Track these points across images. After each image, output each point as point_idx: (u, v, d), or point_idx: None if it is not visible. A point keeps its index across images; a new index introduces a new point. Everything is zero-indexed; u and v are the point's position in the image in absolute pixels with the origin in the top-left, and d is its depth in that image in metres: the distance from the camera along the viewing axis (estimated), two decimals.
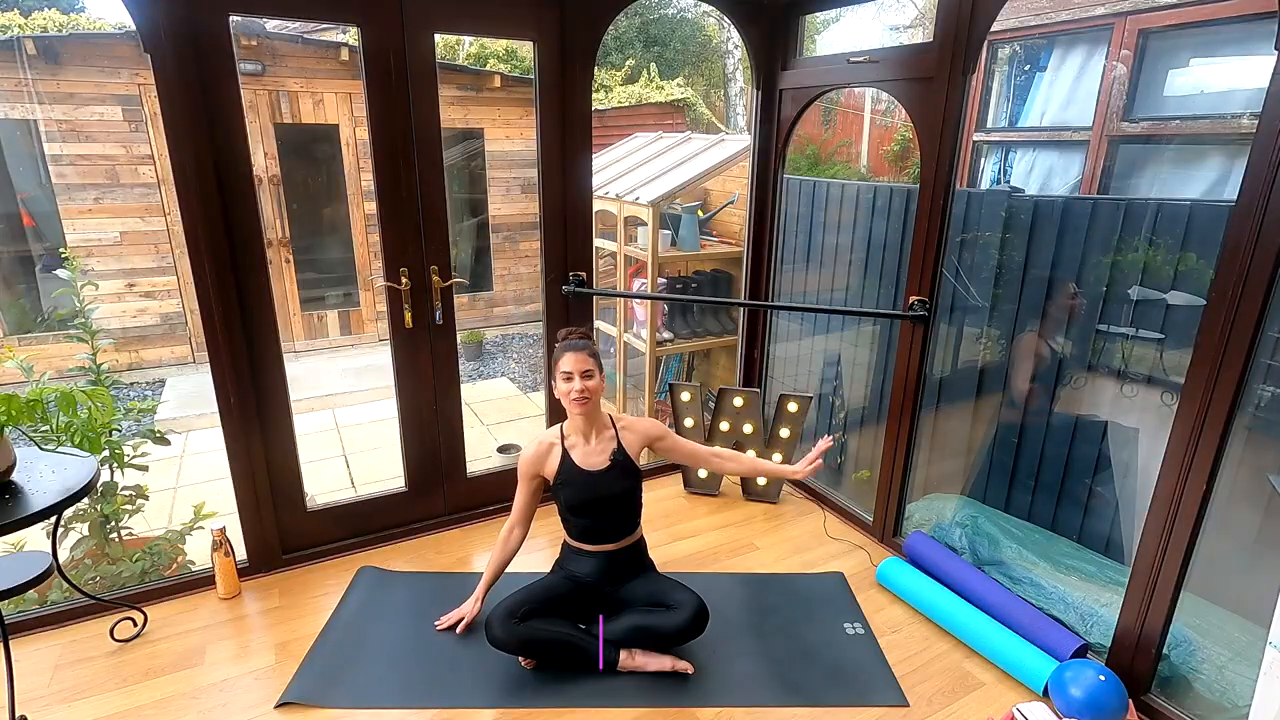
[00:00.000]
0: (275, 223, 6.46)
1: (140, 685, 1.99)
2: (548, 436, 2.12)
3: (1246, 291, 1.62)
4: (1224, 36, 3.46)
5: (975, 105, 4.55)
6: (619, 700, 1.96)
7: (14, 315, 5.98)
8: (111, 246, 5.97)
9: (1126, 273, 2.50)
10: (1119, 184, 3.83)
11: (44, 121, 5.58)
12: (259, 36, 6.16)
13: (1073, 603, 2.22)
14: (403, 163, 2.38)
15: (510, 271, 7.94)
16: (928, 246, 2.39)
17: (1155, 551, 1.86)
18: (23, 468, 1.82)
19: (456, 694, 1.96)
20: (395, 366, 2.59)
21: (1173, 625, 1.89)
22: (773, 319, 3.49)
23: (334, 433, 5.29)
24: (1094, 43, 4.00)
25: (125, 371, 6.18)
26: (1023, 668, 2.02)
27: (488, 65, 9.26)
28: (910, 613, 2.36)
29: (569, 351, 2.03)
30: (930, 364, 2.60)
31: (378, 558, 2.60)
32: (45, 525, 1.86)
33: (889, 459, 2.67)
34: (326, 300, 7.07)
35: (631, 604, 2.08)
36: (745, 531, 2.83)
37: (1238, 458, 2.17)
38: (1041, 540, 2.58)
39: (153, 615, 2.26)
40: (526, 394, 6.19)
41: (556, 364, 2.05)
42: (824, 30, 12.50)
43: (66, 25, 7.74)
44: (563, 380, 2.03)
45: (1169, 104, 3.64)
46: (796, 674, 2.06)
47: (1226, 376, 1.68)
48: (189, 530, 2.79)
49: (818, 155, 8.46)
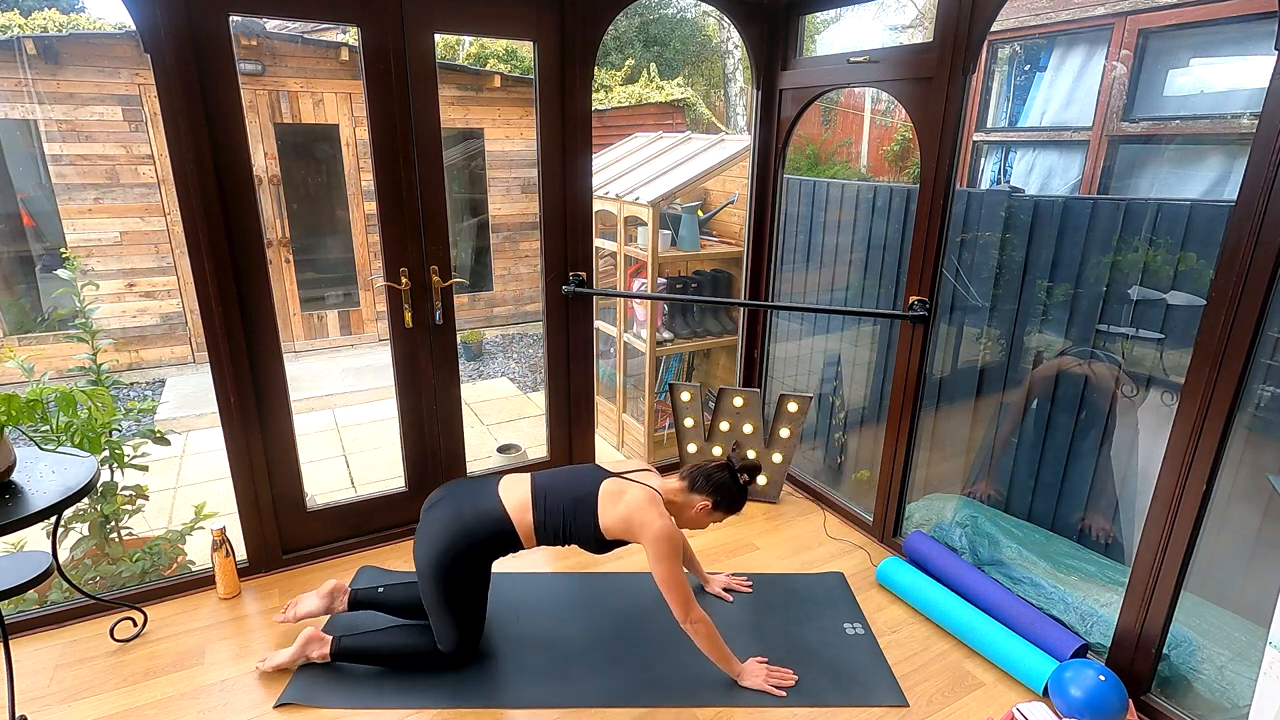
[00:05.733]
0: (275, 223, 6.46)
1: (140, 685, 1.99)
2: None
3: (1246, 291, 1.62)
4: (1224, 36, 3.46)
5: (975, 105, 4.55)
6: (619, 700, 1.96)
7: (14, 315, 5.98)
8: (111, 246, 5.97)
9: (1126, 273, 2.50)
10: (1119, 184, 3.82)
11: (44, 121, 5.58)
12: (259, 36, 6.16)
13: (1073, 603, 2.22)
14: (403, 163, 2.38)
15: (510, 271, 7.94)
16: (928, 246, 2.39)
17: (1155, 551, 1.86)
18: (23, 468, 1.82)
19: (457, 694, 1.97)
20: (395, 366, 2.59)
21: (1173, 625, 1.89)
22: (773, 319, 3.49)
23: (334, 433, 5.29)
24: (1094, 43, 4.00)
25: (125, 371, 6.18)
26: (1023, 668, 2.03)
27: (488, 65, 9.25)
28: (910, 613, 2.36)
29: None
30: (930, 364, 2.60)
31: (378, 558, 2.60)
32: (45, 525, 1.87)
33: (889, 459, 2.67)
34: (326, 300, 7.06)
35: None
36: (745, 531, 2.83)
37: (1238, 458, 2.17)
38: (1041, 540, 2.58)
39: (153, 615, 2.26)
40: (526, 394, 6.19)
41: (734, 510, 2.05)
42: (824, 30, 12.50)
43: (66, 25, 7.74)
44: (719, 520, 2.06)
45: (1169, 104, 3.63)
46: (797, 674, 2.06)
47: (1226, 376, 1.68)
48: (189, 530, 2.78)
49: (818, 155, 8.46)
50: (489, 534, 1.93)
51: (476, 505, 1.97)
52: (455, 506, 1.98)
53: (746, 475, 2.01)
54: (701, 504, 1.99)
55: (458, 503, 1.99)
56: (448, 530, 1.92)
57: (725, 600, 2.38)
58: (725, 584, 2.44)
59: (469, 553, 1.92)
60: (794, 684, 2.00)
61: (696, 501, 1.99)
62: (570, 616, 2.30)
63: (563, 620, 2.28)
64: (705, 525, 2.05)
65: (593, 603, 2.38)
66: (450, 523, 1.94)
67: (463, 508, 1.97)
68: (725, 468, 2.02)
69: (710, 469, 2.02)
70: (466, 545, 1.91)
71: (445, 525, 1.94)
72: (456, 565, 1.91)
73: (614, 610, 2.34)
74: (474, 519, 1.94)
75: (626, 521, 1.91)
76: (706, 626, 1.93)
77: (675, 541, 1.90)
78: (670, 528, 1.90)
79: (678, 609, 1.90)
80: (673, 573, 1.88)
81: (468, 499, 2.00)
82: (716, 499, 1.99)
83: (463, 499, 2.00)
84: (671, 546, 1.89)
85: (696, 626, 1.91)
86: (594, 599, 2.40)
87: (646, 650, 2.15)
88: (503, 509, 1.95)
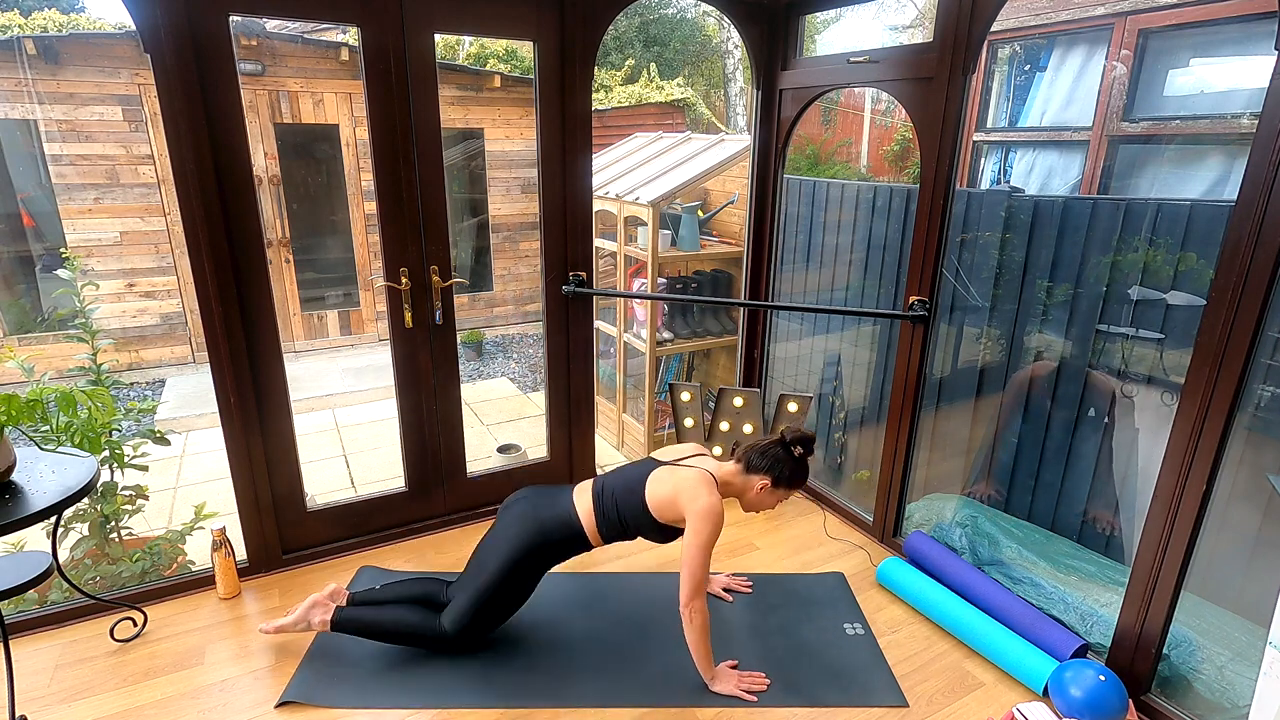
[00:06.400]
0: (275, 223, 6.46)
1: (140, 685, 1.99)
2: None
3: (1246, 291, 1.62)
4: (1224, 36, 3.46)
5: (975, 105, 4.55)
6: (619, 700, 1.96)
7: (14, 315, 5.98)
8: (111, 246, 5.97)
9: (1126, 273, 2.50)
10: (1119, 184, 3.82)
11: (44, 121, 5.58)
12: (259, 36, 6.16)
13: (1073, 603, 2.22)
14: (403, 163, 2.38)
15: (510, 271, 7.94)
16: (928, 246, 2.39)
17: (1155, 551, 1.86)
18: (23, 468, 1.82)
19: (456, 694, 1.97)
20: (395, 366, 2.59)
21: (1173, 625, 1.89)
22: (773, 319, 3.49)
23: (334, 433, 5.29)
24: (1094, 43, 4.00)
25: (125, 371, 6.18)
26: (1023, 668, 2.02)
27: (488, 65, 9.25)
28: (910, 613, 2.36)
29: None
30: (930, 364, 2.60)
31: (378, 558, 2.60)
32: (45, 525, 1.86)
33: (889, 459, 2.67)
34: (326, 300, 7.07)
35: None
36: (745, 531, 2.83)
37: (1238, 458, 2.17)
38: (1041, 540, 2.58)
39: (153, 615, 2.26)
40: (526, 394, 6.19)
41: (796, 484, 2.04)
42: (824, 30, 12.50)
43: (66, 25, 7.74)
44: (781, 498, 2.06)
45: (1169, 104, 3.63)
46: (796, 674, 2.06)
47: (1226, 376, 1.68)
48: (189, 530, 2.78)
49: (818, 155, 8.45)
50: (561, 536, 2.02)
51: (553, 508, 2.06)
52: (534, 507, 2.07)
53: (800, 447, 2.00)
54: (761, 483, 1.99)
55: (536, 504, 2.08)
56: (525, 527, 2.01)
57: (725, 600, 2.38)
58: (725, 584, 2.44)
59: (541, 549, 2.00)
60: (765, 688, 2.00)
61: (755, 481, 2.00)
62: (571, 616, 2.30)
63: (563, 620, 2.28)
64: (772, 504, 2.05)
65: (593, 602, 2.38)
66: (529, 521, 2.03)
67: (540, 510, 2.06)
68: (779, 443, 2.02)
69: (764, 445, 2.03)
70: (540, 542, 2.00)
71: (524, 523, 2.03)
72: (526, 558, 1.99)
73: (614, 610, 2.34)
74: (551, 519, 2.03)
75: (674, 499, 1.94)
76: (703, 618, 1.93)
77: (716, 521, 1.90)
78: (717, 507, 1.90)
79: (687, 589, 1.89)
80: (701, 553, 1.89)
81: (546, 503, 2.09)
82: (775, 475, 1.99)
83: (541, 503, 2.09)
84: (712, 526, 1.89)
85: (694, 615, 1.91)
86: (594, 599, 2.40)
87: (647, 650, 2.14)
88: (574, 511, 2.04)
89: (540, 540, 2.00)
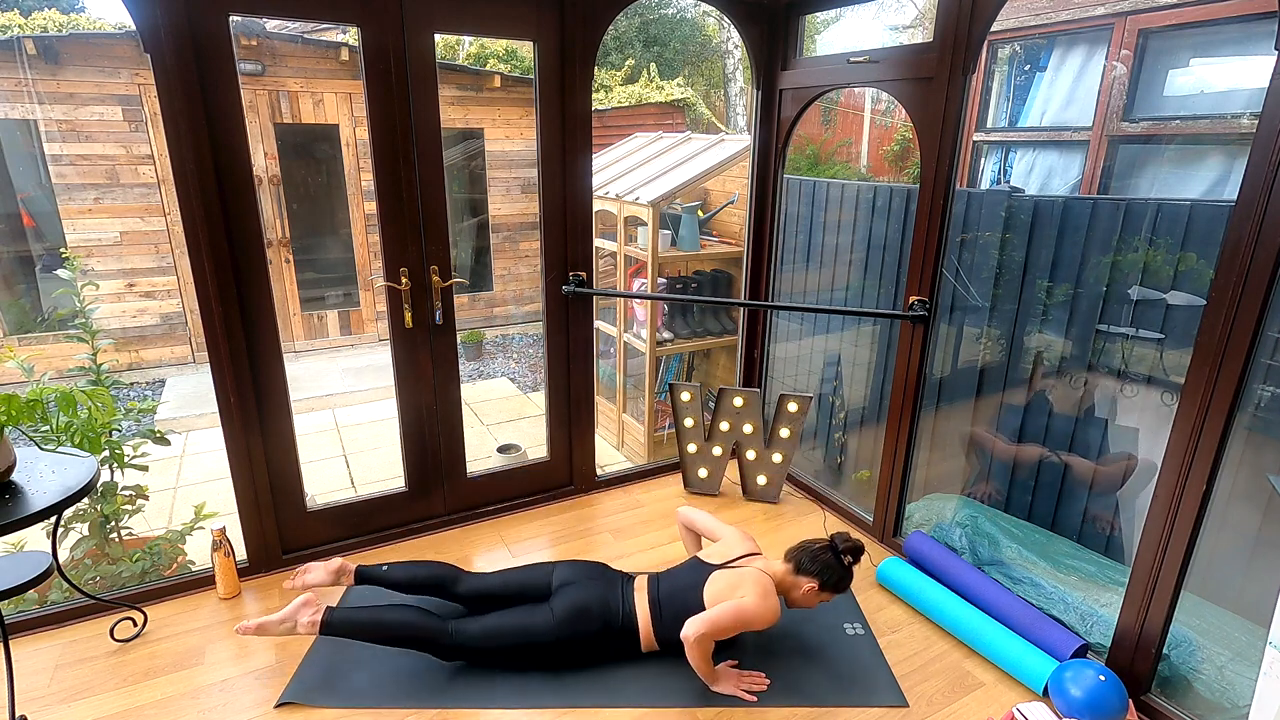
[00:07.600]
0: (275, 223, 6.46)
1: (140, 685, 1.99)
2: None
3: (1246, 291, 1.62)
4: (1224, 36, 3.46)
5: (975, 105, 4.55)
6: (619, 700, 1.96)
7: (14, 315, 5.98)
8: (111, 246, 5.97)
9: (1126, 273, 2.50)
10: (1119, 184, 3.82)
11: (44, 121, 5.58)
12: (259, 36, 6.16)
13: (1073, 603, 2.22)
14: (403, 163, 2.38)
15: (510, 271, 7.94)
16: (928, 246, 2.39)
17: (1155, 551, 1.86)
18: (23, 468, 1.82)
19: (456, 694, 1.97)
20: (395, 366, 2.59)
21: (1173, 625, 1.89)
22: (773, 319, 3.49)
23: (334, 433, 5.29)
24: (1094, 43, 4.00)
25: (125, 371, 6.19)
26: (1023, 668, 2.02)
27: (488, 65, 9.25)
28: (910, 613, 2.36)
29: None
30: (930, 364, 2.60)
31: (377, 558, 2.60)
32: (45, 525, 1.86)
33: (889, 459, 2.67)
34: (326, 300, 7.07)
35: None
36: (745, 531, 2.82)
37: (1238, 458, 2.17)
38: (1041, 540, 2.58)
39: (153, 615, 2.26)
40: (526, 394, 6.19)
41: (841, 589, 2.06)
42: (824, 30, 12.50)
43: (66, 25, 7.74)
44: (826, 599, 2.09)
45: (1169, 104, 3.63)
46: (796, 674, 2.06)
47: (1226, 376, 1.68)
48: (189, 530, 2.79)
49: (818, 155, 8.46)
50: (620, 626, 2.04)
51: (617, 600, 2.08)
52: (602, 592, 2.08)
53: (850, 557, 2.05)
54: (809, 585, 2.03)
55: (605, 593, 2.08)
56: (596, 599, 2.05)
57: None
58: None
59: (598, 636, 2.03)
60: (765, 688, 2.01)
61: (803, 583, 2.03)
62: None
63: None
64: (814, 605, 2.09)
65: None
66: (597, 603, 2.05)
67: (610, 600, 2.07)
68: (830, 549, 2.06)
69: (815, 550, 2.07)
70: (600, 628, 2.03)
71: (598, 594, 2.06)
72: (578, 640, 2.02)
73: None
74: (616, 608, 2.06)
75: (736, 587, 1.99)
76: (705, 652, 1.95)
77: (769, 621, 1.96)
78: (776, 611, 1.97)
79: (704, 633, 1.90)
80: (738, 619, 1.93)
81: (613, 594, 2.09)
82: (823, 580, 2.03)
83: (610, 594, 2.09)
84: (762, 622, 1.95)
85: (697, 651, 1.93)
86: None
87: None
88: (635, 612, 2.06)
89: (602, 626, 2.02)
